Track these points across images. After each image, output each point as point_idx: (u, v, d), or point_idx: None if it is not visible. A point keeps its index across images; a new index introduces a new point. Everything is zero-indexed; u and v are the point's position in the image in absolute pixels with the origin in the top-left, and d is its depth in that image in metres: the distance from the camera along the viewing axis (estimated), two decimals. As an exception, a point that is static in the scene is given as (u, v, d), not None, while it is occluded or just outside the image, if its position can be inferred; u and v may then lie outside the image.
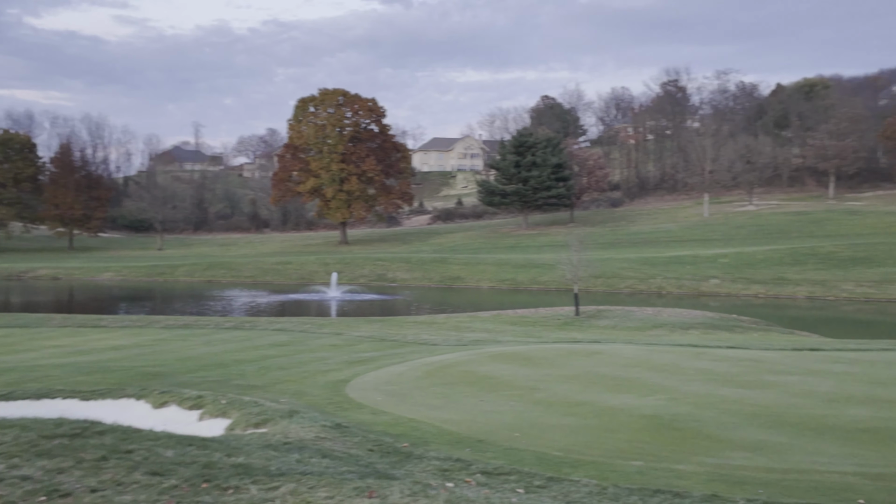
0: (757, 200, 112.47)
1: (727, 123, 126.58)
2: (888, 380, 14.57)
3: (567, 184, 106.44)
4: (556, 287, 60.59)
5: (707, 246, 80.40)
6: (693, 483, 8.27)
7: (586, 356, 18.71)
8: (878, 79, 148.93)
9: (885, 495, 7.89)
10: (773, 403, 12.44)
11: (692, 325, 33.61)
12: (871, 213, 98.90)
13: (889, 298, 56.05)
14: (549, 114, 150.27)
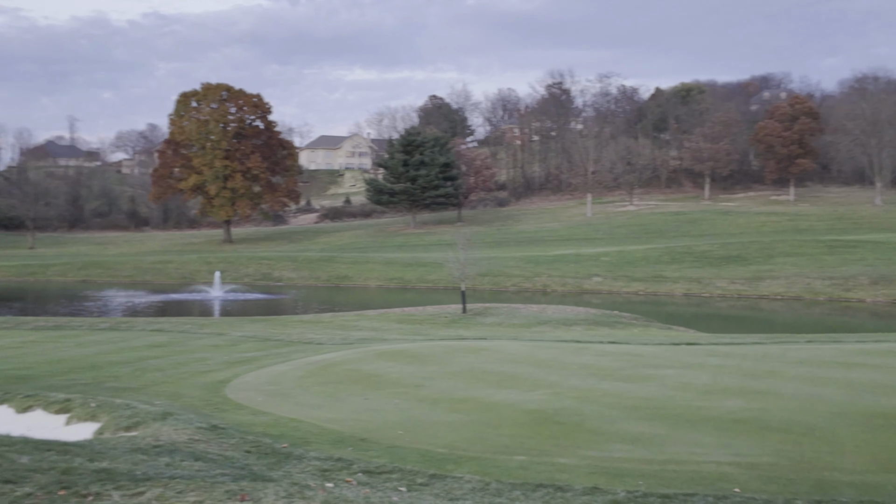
0: (637, 201, 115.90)
1: (609, 126, 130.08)
2: (760, 372, 15.10)
3: (455, 183, 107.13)
4: (443, 285, 60.83)
5: (590, 245, 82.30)
6: (575, 476, 8.29)
7: (472, 353, 18.72)
8: (750, 85, 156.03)
9: (758, 483, 8.09)
10: (653, 396, 12.69)
11: (575, 322, 34.24)
12: (744, 213, 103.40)
13: (760, 295, 58.58)
14: (437, 113, 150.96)
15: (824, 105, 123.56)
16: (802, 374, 14.78)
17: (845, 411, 11.32)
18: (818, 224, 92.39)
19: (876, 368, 15.21)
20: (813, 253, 69.22)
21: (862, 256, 66.47)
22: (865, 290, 56.97)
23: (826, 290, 58.15)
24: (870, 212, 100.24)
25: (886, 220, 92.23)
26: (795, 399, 12.26)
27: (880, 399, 12.13)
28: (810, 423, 10.67)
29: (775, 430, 10.36)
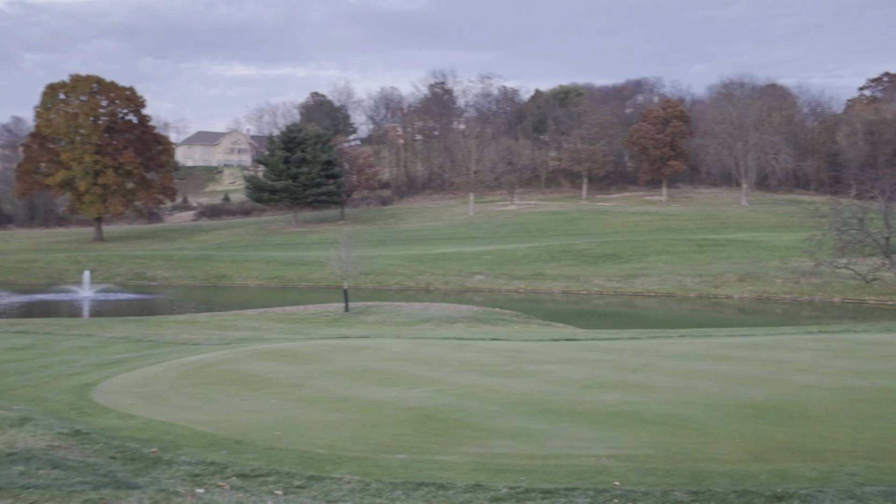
0: (518, 200, 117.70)
1: (490, 126, 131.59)
2: (636, 366, 15.40)
3: (337, 181, 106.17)
4: (326, 284, 60.13)
5: (472, 243, 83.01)
6: (456, 473, 8.17)
7: (354, 351, 18.45)
8: (625, 89, 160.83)
9: (637, 476, 8.15)
10: (533, 391, 12.74)
11: (458, 319, 34.37)
12: (619, 212, 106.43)
13: (635, 292, 60.32)
14: (319, 111, 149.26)
15: (694, 109, 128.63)
16: (676, 367, 15.16)
17: (718, 403, 11.63)
18: (689, 223, 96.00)
19: (745, 361, 15.74)
20: (684, 251, 71.81)
21: (729, 254, 69.40)
22: (733, 287, 59.44)
23: (696, 286, 60.37)
24: (736, 212, 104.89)
25: (752, 220, 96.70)
26: (670, 391, 12.53)
27: (750, 390, 12.52)
28: (685, 414, 10.90)
29: (652, 422, 10.53)
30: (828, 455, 8.92)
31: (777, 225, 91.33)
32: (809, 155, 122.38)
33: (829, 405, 11.41)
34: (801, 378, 13.59)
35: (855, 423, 10.34)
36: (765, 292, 57.58)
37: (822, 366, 14.91)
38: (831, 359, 15.82)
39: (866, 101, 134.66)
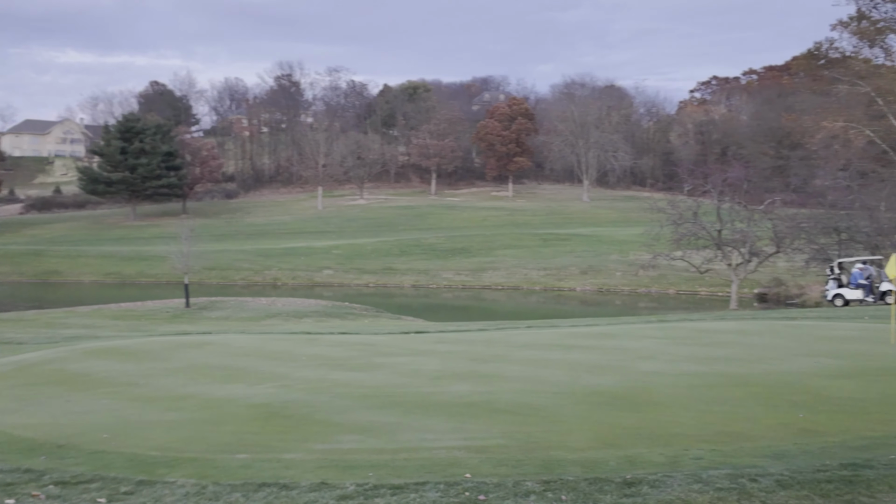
0: (367, 195, 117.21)
1: (339, 120, 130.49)
2: (487, 357, 15.34)
3: (179, 173, 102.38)
4: (166, 280, 57.76)
5: (321, 238, 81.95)
6: (301, 472, 7.72)
7: (195, 347, 17.57)
8: (472, 86, 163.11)
9: (489, 467, 7.95)
10: (384, 384, 12.41)
11: (306, 314, 33.67)
12: (467, 207, 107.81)
13: (483, 285, 61.12)
14: (160, 100, 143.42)
15: (539, 107, 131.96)
16: (526, 356, 15.20)
17: (567, 391, 11.65)
18: (534, 219, 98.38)
19: (592, 350, 15.98)
20: (530, 245, 73.45)
21: (572, 248, 71.52)
22: (576, 280, 61.22)
23: (542, 279, 61.82)
24: (579, 207, 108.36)
25: (593, 216, 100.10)
26: (521, 381, 12.49)
27: (597, 378, 12.65)
28: (536, 403, 10.84)
29: (503, 411, 10.40)
30: (674, 440, 9.02)
31: (616, 220, 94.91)
32: (646, 153, 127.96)
33: (672, 391, 11.64)
34: (646, 365, 13.87)
35: (698, 408, 10.55)
36: (606, 284, 59.63)
37: (665, 353, 15.31)
38: (672, 346, 16.29)
39: (697, 103, 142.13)
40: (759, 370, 13.23)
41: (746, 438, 9.08)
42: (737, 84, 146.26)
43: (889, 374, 12.68)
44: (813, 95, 69.85)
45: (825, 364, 13.69)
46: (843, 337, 17.21)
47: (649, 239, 44.99)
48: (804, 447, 8.58)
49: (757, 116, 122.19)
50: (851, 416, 10.06)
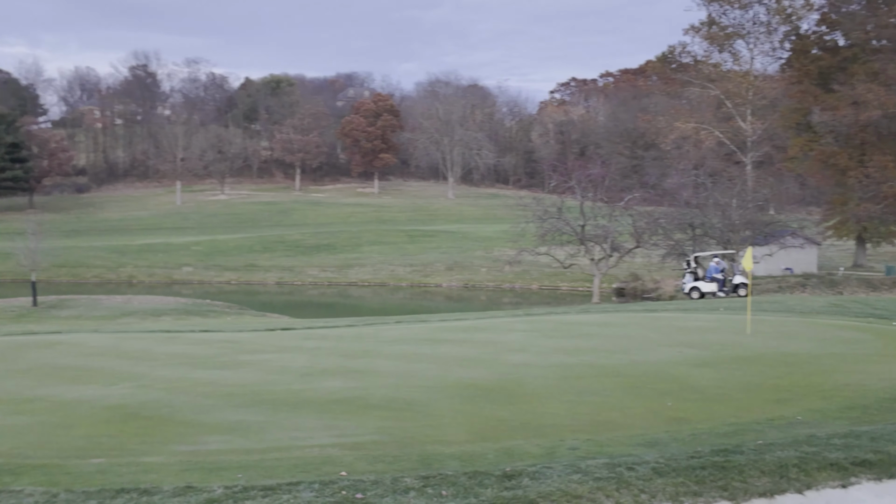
0: (229, 190, 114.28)
1: (198, 113, 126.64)
2: (357, 352, 15.03)
3: (25, 166, 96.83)
4: (11, 278, 54.37)
5: (180, 234, 79.23)
6: (164, 476, 7.22)
7: (44, 348, 16.47)
8: (336, 82, 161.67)
9: (364, 464, 7.67)
10: (250, 382, 11.92)
11: (165, 312, 32.34)
12: (333, 204, 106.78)
13: (349, 282, 60.58)
14: (3, 89, 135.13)
15: (404, 104, 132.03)
16: (397, 351, 14.98)
17: (440, 385, 11.50)
18: (400, 215, 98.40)
19: (462, 343, 15.92)
20: (396, 242, 73.38)
21: (438, 245, 71.91)
22: (442, 276, 61.57)
23: (408, 275, 61.83)
24: (444, 204, 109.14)
25: (458, 212, 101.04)
26: (393, 376, 12.26)
27: (469, 371, 12.56)
28: (409, 398, 10.63)
29: (377, 407, 10.14)
30: (549, 431, 8.99)
31: (481, 217, 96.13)
32: (508, 151, 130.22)
33: (544, 382, 11.67)
34: (516, 357, 13.90)
35: (570, 399, 10.60)
36: (471, 280, 60.24)
37: (534, 345, 15.42)
38: (540, 339, 16.43)
39: (557, 104, 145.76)
40: (626, 360, 13.48)
41: (619, 427, 9.15)
42: (594, 86, 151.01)
43: (747, 362, 13.15)
44: (666, 97, 72.81)
45: (687, 354, 14.09)
46: (701, 328, 17.82)
47: (515, 234, 45.69)
48: (675, 435, 8.71)
49: (613, 117, 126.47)
50: (716, 403, 10.33)
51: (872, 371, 12.19)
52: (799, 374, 12.01)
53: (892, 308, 21.45)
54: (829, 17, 53.14)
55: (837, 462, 7.37)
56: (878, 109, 38.69)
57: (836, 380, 11.60)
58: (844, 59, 52.46)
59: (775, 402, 10.38)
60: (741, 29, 61.34)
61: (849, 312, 20.48)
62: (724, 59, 62.75)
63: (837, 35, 53.99)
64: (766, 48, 61.55)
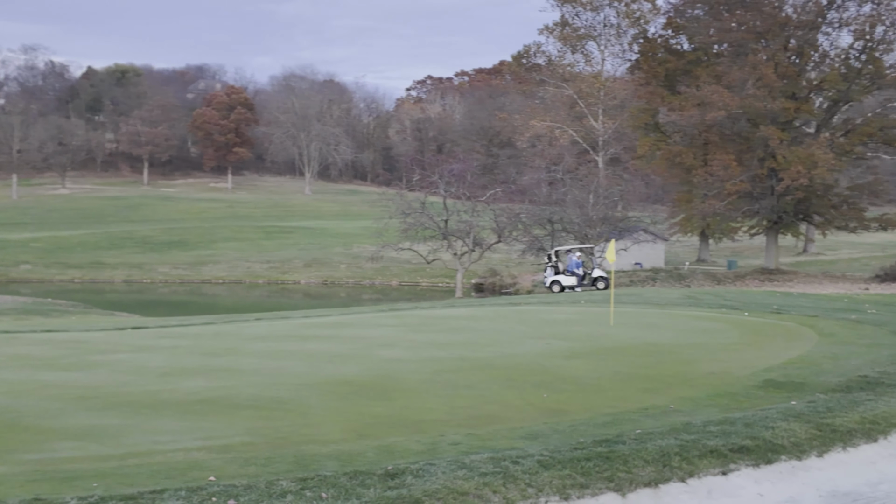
0: (71, 184, 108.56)
1: (37, 102, 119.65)
2: (219, 350, 14.32)
3: None
4: None
5: (17, 230, 74.56)
6: (9, 487, 6.49)
7: None
8: (186, 73, 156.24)
9: (235, 467, 7.16)
10: (103, 384, 11.06)
11: (2, 312, 30.11)
12: (184, 199, 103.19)
13: (203, 279, 58.62)
14: None
15: (259, 98, 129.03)
16: (262, 349, 14.37)
17: (310, 382, 11.04)
18: (256, 211, 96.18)
19: (329, 339, 15.46)
20: (252, 238, 71.66)
21: (296, 241, 70.70)
22: (300, 273, 60.55)
23: (266, 272, 60.46)
24: (301, 200, 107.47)
25: (316, 208, 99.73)
26: (260, 374, 11.69)
27: (340, 367, 12.14)
28: (280, 396, 10.13)
29: (245, 407, 9.58)
30: (428, 426, 8.72)
31: (339, 213, 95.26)
32: (366, 148, 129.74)
33: (418, 377, 11.40)
34: (387, 352, 13.57)
35: (446, 393, 10.36)
36: (330, 277, 59.50)
37: (403, 340, 15.13)
38: (410, 333, 16.17)
39: (413, 101, 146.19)
40: (497, 353, 13.39)
41: (499, 420, 8.98)
42: (450, 84, 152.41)
43: (616, 353, 13.32)
44: (522, 96, 74.17)
45: (557, 346, 14.16)
46: (567, 320, 18.02)
47: (377, 230, 45.37)
48: (554, 427, 8.61)
49: (470, 116, 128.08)
50: (590, 394, 10.34)
51: (734, 359, 12.57)
52: (666, 364, 12.24)
53: (742, 299, 22.44)
54: (674, 22, 55.30)
55: (717, 449, 7.43)
56: (722, 110, 40.57)
57: (702, 368, 11.88)
58: (689, 63, 54.80)
59: (647, 391, 10.50)
60: (593, 31, 63.23)
61: (703, 304, 21.26)
62: (577, 59, 64.60)
63: (683, 39, 56.36)
64: (616, 50, 63.73)
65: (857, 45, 43.40)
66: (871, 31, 42.08)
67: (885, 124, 43.02)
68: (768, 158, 42.58)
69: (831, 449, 7.61)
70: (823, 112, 46.31)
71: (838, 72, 43.03)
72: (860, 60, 43.19)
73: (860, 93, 42.82)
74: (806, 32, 43.72)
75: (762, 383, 10.72)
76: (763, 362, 12.18)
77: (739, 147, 44.68)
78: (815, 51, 45.23)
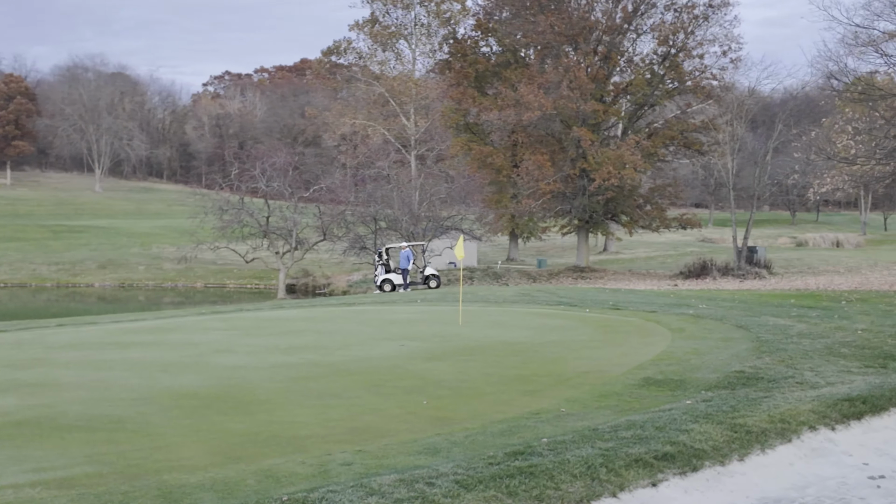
0: None
1: None
2: (24, 361, 12.30)
3: None
4: None
5: None
6: None
7: None
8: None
9: None
10: None
11: None
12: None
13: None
14: None
15: (41, 89, 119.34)
16: (77, 358, 12.52)
17: (148, 396, 9.56)
18: (39, 209, 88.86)
19: (155, 346, 13.80)
20: (37, 238, 66.15)
21: (87, 241, 65.85)
22: (93, 275, 56.32)
23: (54, 275, 55.79)
24: (91, 198, 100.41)
25: (108, 207, 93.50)
26: (83, 388, 10.02)
27: (178, 378, 10.69)
28: (116, 414, 8.61)
29: (76, 428, 8.02)
30: (306, 443, 7.57)
31: (134, 212, 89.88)
32: (162, 144, 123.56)
33: (273, 385, 10.18)
34: (227, 359, 12.18)
35: (313, 403, 9.22)
36: (128, 279, 55.67)
37: (241, 345, 13.74)
38: (245, 337, 14.76)
39: (211, 97, 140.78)
40: (351, 357, 12.34)
41: (383, 433, 7.96)
42: (249, 81, 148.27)
43: (477, 353, 12.61)
44: (333, 94, 72.71)
45: (412, 347, 13.27)
46: (410, 320, 17.16)
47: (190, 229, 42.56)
48: (449, 438, 7.70)
49: (273, 113, 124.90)
50: (470, 399, 9.52)
51: (601, 357, 12.17)
52: (534, 364, 11.64)
53: (576, 296, 22.47)
54: (484, 24, 56.04)
55: (641, 458, 6.77)
56: (538, 111, 41.26)
57: (572, 367, 11.37)
58: (498, 64, 55.69)
59: (528, 393, 9.81)
60: (403, 29, 62.85)
61: (540, 301, 21.04)
62: (389, 57, 63.95)
63: (492, 41, 57.19)
64: (426, 49, 63.67)
65: (661, 51, 45.58)
66: (673, 38, 44.30)
67: (684, 128, 45.44)
68: (580, 159, 43.82)
69: (750, 452, 7.17)
70: (629, 115, 48.31)
71: (643, 77, 44.98)
72: (664, 66, 45.37)
73: (663, 97, 44.98)
74: (614, 37, 45.38)
75: (641, 381, 10.31)
76: (631, 359, 11.84)
77: (553, 148, 45.72)
78: (621, 56, 47.06)
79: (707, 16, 44.52)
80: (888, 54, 26.01)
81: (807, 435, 7.59)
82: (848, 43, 27.18)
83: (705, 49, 45.04)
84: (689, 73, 44.94)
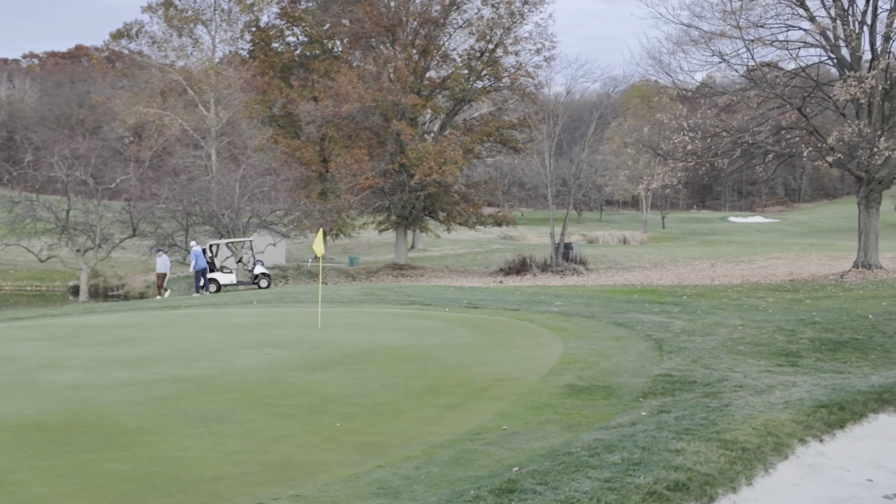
0: None
1: None
2: None
3: None
4: None
5: None
6: None
7: None
8: None
9: None
10: None
11: None
12: None
13: None
14: None
15: None
16: None
17: (-26, 430, 7.37)
18: None
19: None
20: None
21: None
22: None
23: None
24: None
25: None
26: None
27: (7, 403, 8.53)
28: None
29: None
30: (219, 487, 5.90)
31: None
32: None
33: (136, 409, 8.25)
34: (61, 377, 9.97)
35: (200, 431, 7.43)
36: None
37: (69, 358, 11.46)
38: (69, 348, 12.43)
39: None
40: (216, 369, 10.51)
41: (311, 468, 6.40)
42: (17, 66, 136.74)
43: (363, 361, 11.13)
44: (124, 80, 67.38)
45: (282, 356, 11.56)
46: (260, 324, 15.28)
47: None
48: (397, 472, 6.27)
49: (46, 101, 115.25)
50: (388, 418, 8.08)
51: (502, 361, 11.04)
52: (434, 372, 10.31)
53: (422, 294, 21.28)
54: (289, 13, 53.87)
55: (654, 489, 5.61)
56: (357, 103, 39.69)
57: (480, 374, 10.15)
58: (304, 56, 53.70)
59: (450, 408, 8.49)
60: (202, 14, 59.12)
61: (388, 300, 19.66)
62: (185, 43, 59.86)
63: (298, 31, 55.11)
64: (227, 37, 60.27)
65: (479, 46, 45.25)
66: (490, 33, 44.08)
67: (500, 125, 45.43)
68: (399, 154, 42.69)
69: (755, 474, 6.23)
70: (447, 111, 47.73)
71: (460, 72, 44.55)
72: (482, 62, 45.09)
73: (480, 94, 44.76)
74: (431, 30, 44.63)
75: (565, 389, 9.26)
76: (537, 364, 10.79)
77: (371, 142, 44.33)
78: (437, 50, 46.42)
79: (523, 13, 44.72)
80: (720, 52, 26.74)
81: (800, 449, 6.79)
82: (674, 41, 27.71)
83: (521, 46, 45.28)
84: (506, 70, 45.00)
